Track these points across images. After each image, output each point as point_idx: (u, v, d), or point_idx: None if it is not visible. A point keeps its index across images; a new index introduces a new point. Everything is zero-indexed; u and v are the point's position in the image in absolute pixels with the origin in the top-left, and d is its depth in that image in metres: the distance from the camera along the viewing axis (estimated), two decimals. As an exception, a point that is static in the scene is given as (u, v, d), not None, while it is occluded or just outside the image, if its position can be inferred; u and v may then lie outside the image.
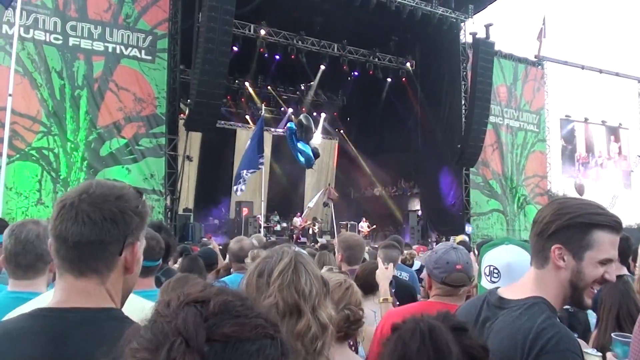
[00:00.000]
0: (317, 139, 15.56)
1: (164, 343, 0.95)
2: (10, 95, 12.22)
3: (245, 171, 17.13)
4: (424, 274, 6.51)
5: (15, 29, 12.90)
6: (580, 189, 31.94)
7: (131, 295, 1.97)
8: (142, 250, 1.84)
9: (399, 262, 6.95)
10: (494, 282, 2.65)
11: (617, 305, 3.40)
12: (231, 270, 5.85)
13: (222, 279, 5.65)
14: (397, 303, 5.05)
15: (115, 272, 1.76)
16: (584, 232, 2.03)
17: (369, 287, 4.47)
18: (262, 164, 16.28)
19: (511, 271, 2.66)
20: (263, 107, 16.67)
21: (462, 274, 3.31)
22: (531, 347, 1.94)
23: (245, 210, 24.69)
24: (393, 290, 5.15)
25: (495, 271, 2.67)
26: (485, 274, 2.72)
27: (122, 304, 1.85)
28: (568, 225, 2.04)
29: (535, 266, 2.15)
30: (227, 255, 6.16)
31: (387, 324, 3.47)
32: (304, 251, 2.22)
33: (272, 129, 29.38)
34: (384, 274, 4.44)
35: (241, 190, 17.23)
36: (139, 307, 1.27)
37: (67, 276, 1.74)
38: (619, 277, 3.89)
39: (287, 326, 1.84)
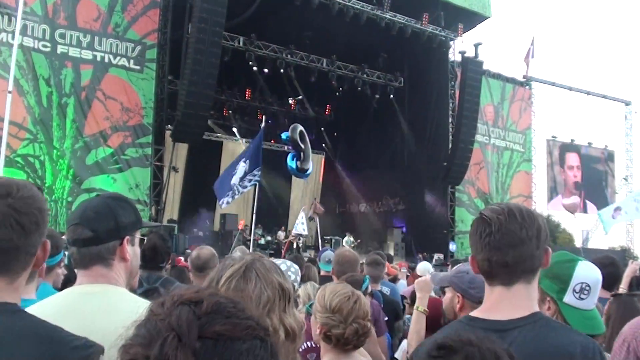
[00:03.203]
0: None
1: (157, 338, 0.97)
2: (9, 92, 12.21)
3: (238, 184, 16.24)
4: (405, 290, 6.55)
5: (16, 40, 12.86)
6: (572, 208, 32.06)
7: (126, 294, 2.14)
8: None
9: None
10: (582, 300, 2.55)
11: (620, 316, 3.40)
12: (190, 277, 5.58)
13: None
14: (386, 318, 5.04)
15: (27, 269, 1.81)
16: None
17: None
18: (260, 176, 15.87)
19: (598, 288, 2.61)
20: (264, 118, 16.34)
21: None
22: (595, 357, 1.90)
23: (240, 224, 24.64)
24: (382, 307, 5.12)
25: (587, 288, 2.55)
26: (574, 291, 2.58)
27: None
28: None
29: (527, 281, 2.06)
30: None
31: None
32: (271, 259, 2.14)
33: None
34: (425, 284, 4.20)
35: (227, 203, 16.61)
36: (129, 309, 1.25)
37: None
38: (617, 295, 3.91)
39: None
